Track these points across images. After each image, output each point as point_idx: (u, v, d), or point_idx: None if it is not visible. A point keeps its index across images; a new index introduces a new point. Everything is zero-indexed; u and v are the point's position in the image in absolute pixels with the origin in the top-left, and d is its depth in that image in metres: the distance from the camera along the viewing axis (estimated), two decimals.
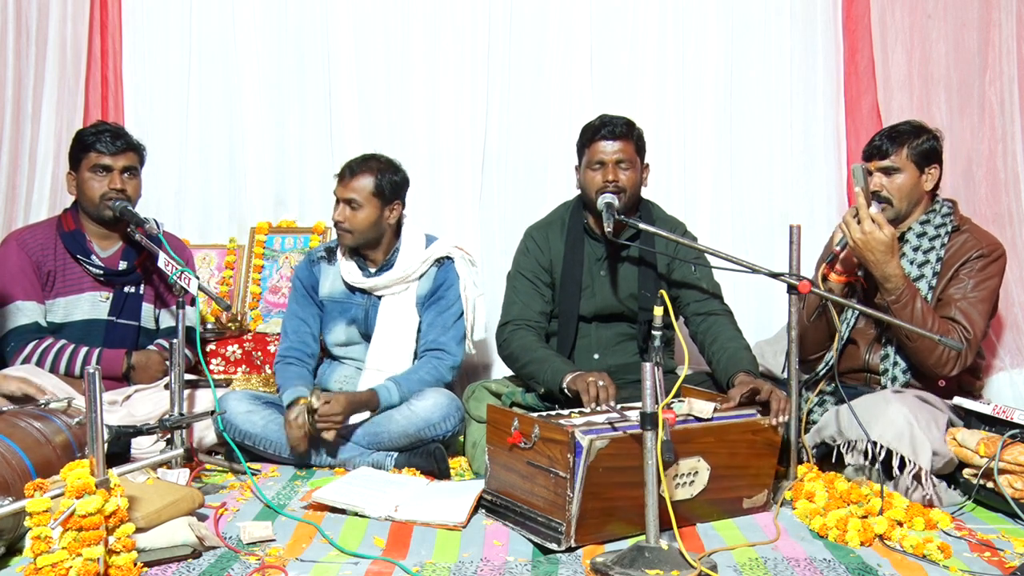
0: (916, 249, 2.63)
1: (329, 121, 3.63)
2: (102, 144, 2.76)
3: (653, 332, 2.21)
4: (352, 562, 1.92)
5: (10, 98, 3.27)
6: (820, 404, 2.66)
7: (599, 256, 2.78)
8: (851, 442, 2.37)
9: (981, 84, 3.37)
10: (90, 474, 1.71)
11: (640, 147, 2.72)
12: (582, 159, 2.74)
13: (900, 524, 2.10)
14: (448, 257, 2.92)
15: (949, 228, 2.65)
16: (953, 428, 2.43)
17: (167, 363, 2.69)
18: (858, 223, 2.49)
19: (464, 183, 3.61)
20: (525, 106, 3.61)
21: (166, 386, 2.53)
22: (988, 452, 2.26)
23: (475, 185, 3.61)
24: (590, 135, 2.70)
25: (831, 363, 2.62)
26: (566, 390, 2.46)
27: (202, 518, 2.10)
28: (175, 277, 2.47)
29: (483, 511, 2.23)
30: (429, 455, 2.62)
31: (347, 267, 2.89)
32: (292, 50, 3.65)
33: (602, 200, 2.61)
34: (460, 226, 3.59)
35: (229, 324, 3.35)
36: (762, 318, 3.44)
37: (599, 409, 2.27)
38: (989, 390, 3.09)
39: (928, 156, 2.64)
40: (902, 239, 2.66)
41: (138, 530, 1.83)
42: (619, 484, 2.00)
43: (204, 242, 3.65)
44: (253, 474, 2.51)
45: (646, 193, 2.86)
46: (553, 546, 1.97)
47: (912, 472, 2.26)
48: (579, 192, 2.81)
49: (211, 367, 3.24)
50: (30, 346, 2.73)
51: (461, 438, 2.81)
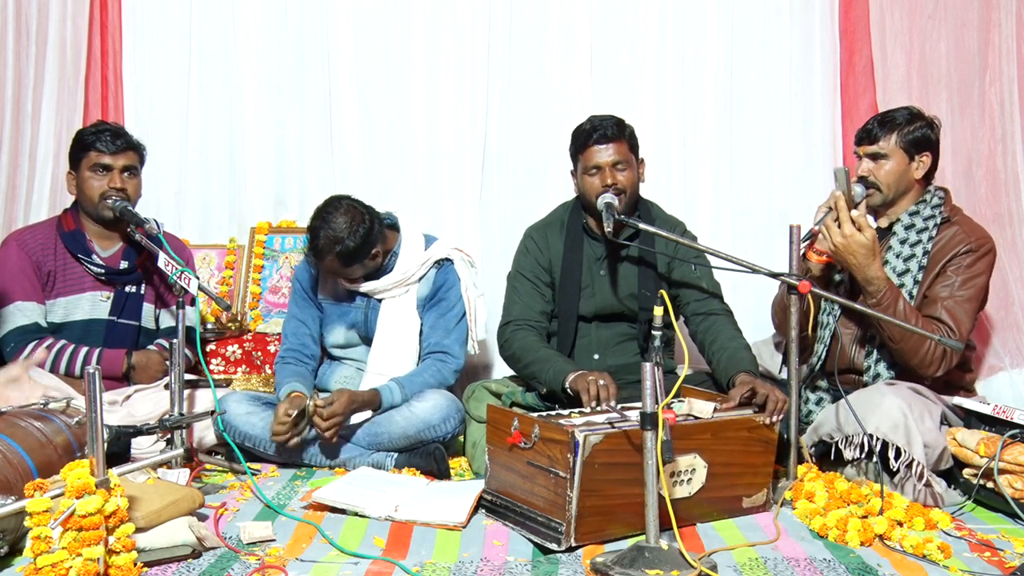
0: (903, 242, 2.60)
1: (329, 121, 3.63)
2: (102, 143, 2.76)
3: (653, 332, 2.21)
4: (352, 562, 1.92)
5: (10, 98, 3.27)
6: (818, 403, 2.66)
7: (599, 256, 2.78)
8: (848, 437, 2.38)
9: (981, 84, 3.37)
10: (90, 474, 1.71)
11: (633, 145, 2.71)
12: (577, 165, 2.73)
13: (900, 524, 2.10)
14: (447, 259, 2.91)
15: (938, 220, 2.59)
16: (953, 428, 2.43)
17: (167, 363, 2.69)
18: (838, 226, 2.46)
19: (464, 183, 3.61)
20: (525, 106, 3.62)
21: (166, 386, 2.53)
22: (988, 452, 2.26)
23: (475, 185, 3.61)
24: (582, 141, 2.68)
25: (821, 356, 2.62)
26: (568, 390, 2.46)
27: (202, 518, 2.10)
28: (175, 277, 2.47)
29: (483, 511, 2.23)
30: (429, 455, 2.62)
31: None
32: (292, 50, 3.65)
33: (602, 200, 2.60)
34: (460, 226, 3.59)
35: (229, 324, 3.35)
36: (762, 318, 3.42)
37: (599, 409, 2.27)
38: (989, 389, 3.09)
39: (919, 144, 2.59)
40: (889, 229, 2.63)
41: (138, 530, 1.83)
42: (616, 482, 2.00)
43: (204, 242, 3.65)
44: (253, 474, 2.51)
45: (646, 193, 2.86)
46: (553, 546, 1.97)
47: (905, 462, 2.26)
48: (578, 195, 2.81)
49: (211, 367, 3.24)
50: (30, 346, 2.73)
51: (461, 438, 2.81)
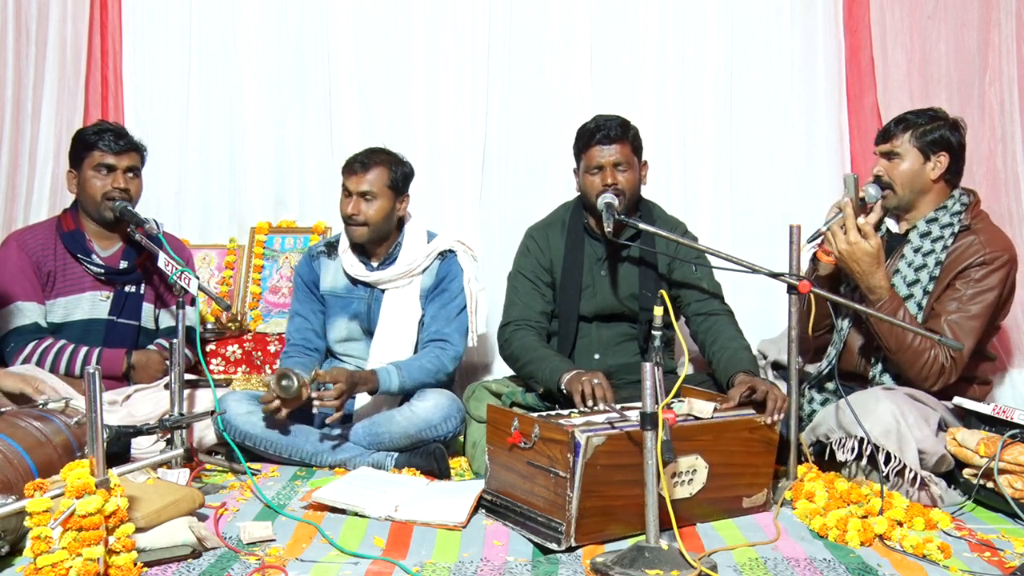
0: (917, 250, 2.55)
1: (329, 121, 3.63)
2: (105, 143, 2.77)
3: (653, 332, 2.21)
4: (352, 562, 1.92)
5: (10, 98, 3.28)
6: (823, 404, 2.65)
7: (599, 256, 2.78)
8: (843, 438, 2.38)
9: (981, 84, 3.37)
10: (90, 474, 1.71)
11: (637, 146, 2.72)
12: (579, 163, 2.74)
13: (900, 524, 2.10)
14: (451, 251, 2.94)
15: (956, 228, 2.51)
16: (953, 428, 2.43)
17: (167, 363, 2.69)
18: (844, 233, 2.44)
19: (464, 183, 3.61)
20: (525, 106, 3.61)
21: (166, 386, 2.53)
22: (988, 452, 2.26)
23: (475, 185, 3.61)
24: (586, 139, 2.69)
25: (832, 360, 2.61)
26: (563, 390, 2.46)
27: (202, 518, 2.10)
28: (175, 277, 2.47)
29: (483, 511, 2.22)
30: (429, 455, 2.62)
31: (349, 260, 2.90)
32: (292, 50, 3.65)
33: (602, 200, 2.60)
34: (460, 226, 3.58)
35: (229, 324, 3.35)
36: (762, 318, 3.43)
37: (596, 409, 2.27)
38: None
39: (935, 144, 2.53)
40: (906, 236, 2.61)
41: (138, 530, 1.83)
42: (618, 483, 2.00)
43: (204, 242, 3.65)
44: (253, 474, 2.50)
45: (646, 193, 2.86)
46: (553, 546, 1.97)
47: (896, 468, 2.26)
48: (579, 194, 2.81)
49: (211, 367, 3.24)
50: (30, 346, 2.73)
51: (461, 438, 2.81)
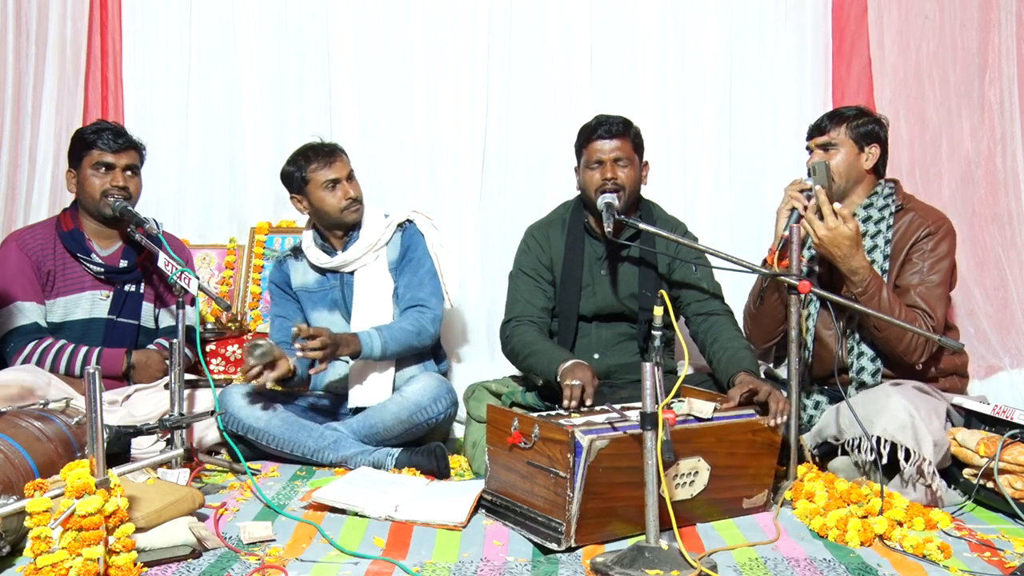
0: (863, 235, 2.59)
1: (329, 121, 3.63)
2: (104, 142, 2.77)
3: (653, 332, 2.21)
4: (352, 562, 1.92)
5: (10, 98, 3.28)
6: (816, 407, 2.66)
7: (599, 255, 2.78)
8: (854, 440, 2.36)
9: (981, 84, 3.37)
10: (90, 474, 1.71)
11: (638, 145, 2.72)
12: (580, 159, 2.75)
13: (900, 524, 2.10)
14: (409, 220, 3.02)
15: (893, 209, 2.61)
16: (953, 428, 2.43)
17: (167, 362, 2.69)
18: (821, 219, 2.47)
19: (464, 183, 3.61)
20: (525, 106, 3.62)
21: (166, 386, 2.53)
22: (988, 452, 2.26)
23: (475, 185, 3.61)
24: (587, 135, 2.70)
25: (807, 364, 2.61)
26: (560, 380, 2.45)
27: (202, 518, 2.10)
28: (175, 277, 2.47)
29: (483, 511, 2.22)
30: (430, 453, 2.62)
31: (314, 254, 2.97)
32: (292, 50, 3.66)
33: (602, 200, 2.61)
34: (460, 226, 3.59)
35: (229, 324, 3.35)
36: None
37: (584, 409, 2.26)
38: (989, 389, 3.09)
39: (868, 136, 2.64)
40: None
41: (138, 530, 1.83)
42: (619, 484, 2.00)
43: (204, 242, 3.65)
44: (253, 474, 2.51)
45: (646, 193, 2.86)
46: (553, 546, 1.97)
47: (916, 463, 2.24)
48: (579, 192, 2.81)
49: (211, 367, 3.24)
50: (30, 346, 2.73)
51: (461, 437, 2.80)
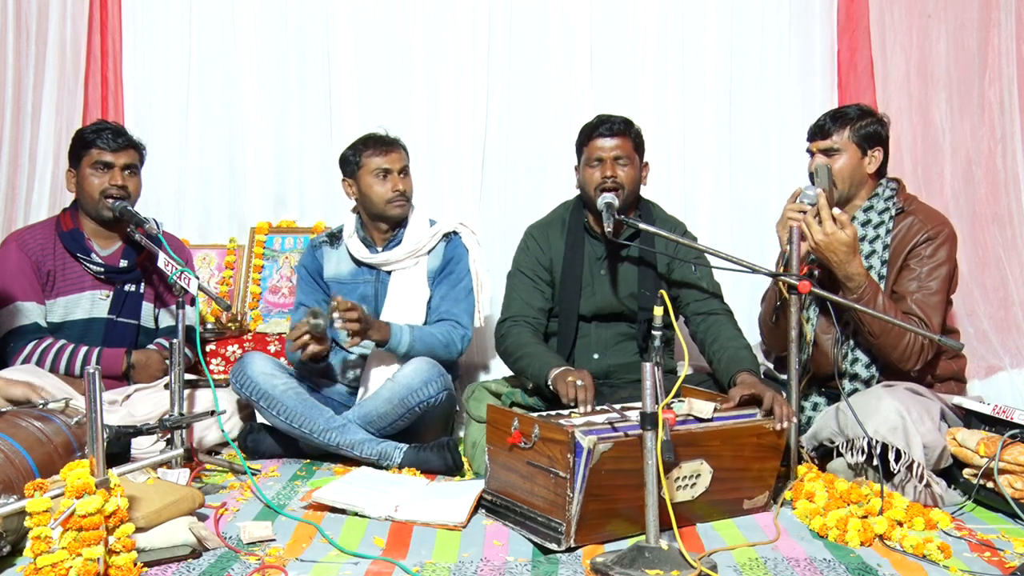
0: (861, 239, 2.56)
1: (329, 121, 3.63)
2: (103, 141, 2.77)
3: (653, 332, 2.21)
4: (352, 562, 1.92)
5: (10, 98, 3.28)
6: (814, 409, 2.65)
7: (599, 255, 2.78)
8: (850, 440, 2.37)
9: (981, 84, 3.37)
10: (90, 474, 1.71)
11: (638, 144, 2.73)
12: (580, 157, 2.75)
13: (900, 524, 2.10)
14: (455, 232, 2.97)
15: (893, 212, 2.58)
16: (953, 428, 2.43)
17: (167, 362, 2.69)
18: (819, 224, 2.44)
19: (464, 183, 3.61)
20: (525, 105, 3.62)
21: (166, 386, 2.53)
22: (988, 452, 2.26)
23: (475, 185, 3.61)
24: (588, 133, 2.71)
25: (807, 364, 2.61)
26: (551, 386, 2.46)
27: (202, 518, 2.10)
28: (175, 277, 2.47)
29: (483, 511, 2.22)
30: (441, 448, 2.60)
31: (355, 245, 2.92)
32: (292, 50, 3.66)
33: (602, 200, 2.61)
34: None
35: (229, 324, 3.35)
36: None
37: (581, 411, 2.26)
38: (988, 389, 3.08)
39: (871, 139, 2.60)
40: None
41: (138, 530, 1.83)
42: (620, 486, 2.00)
43: (204, 242, 3.65)
44: (253, 474, 2.51)
45: (646, 193, 2.86)
46: (553, 546, 1.97)
47: (906, 464, 2.26)
48: (579, 191, 2.81)
49: (211, 367, 3.24)
50: (30, 346, 2.73)
51: (461, 434, 2.80)
